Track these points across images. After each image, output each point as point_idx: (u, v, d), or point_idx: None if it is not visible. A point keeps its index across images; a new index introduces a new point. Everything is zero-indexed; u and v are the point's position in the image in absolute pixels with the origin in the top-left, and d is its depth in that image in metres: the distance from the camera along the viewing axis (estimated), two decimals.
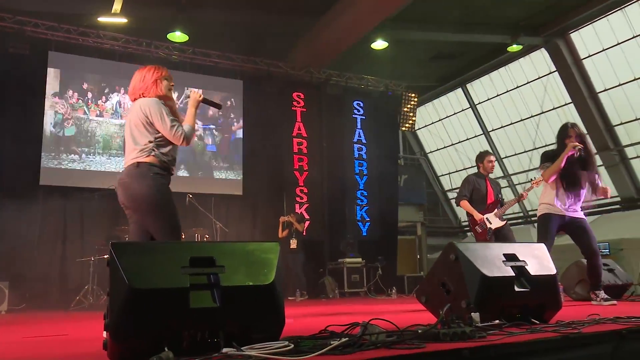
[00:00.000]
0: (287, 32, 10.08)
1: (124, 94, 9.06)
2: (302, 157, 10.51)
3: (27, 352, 2.46)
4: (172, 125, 3.13)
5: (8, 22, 8.28)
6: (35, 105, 8.30)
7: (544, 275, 2.61)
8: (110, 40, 9.10)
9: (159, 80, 3.32)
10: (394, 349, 1.70)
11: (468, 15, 10.12)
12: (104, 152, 8.89)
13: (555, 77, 12.06)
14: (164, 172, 3.17)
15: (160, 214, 3.11)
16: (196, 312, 1.83)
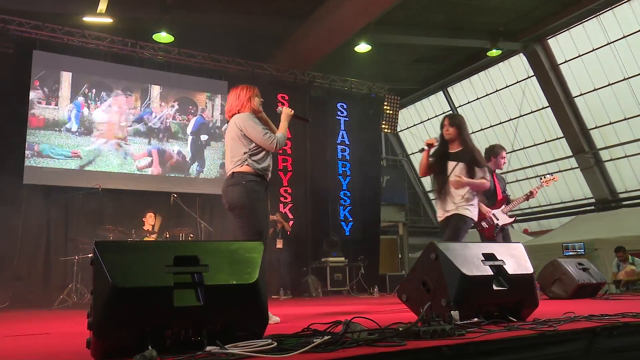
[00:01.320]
0: (272, 34, 10.08)
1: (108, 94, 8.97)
2: (287, 157, 10.49)
3: (10, 350, 2.41)
4: (265, 133, 3.49)
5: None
6: (19, 104, 8.16)
7: (521, 275, 2.64)
8: (95, 40, 8.98)
9: (252, 97, 3.67)
10: (376, 347, 1.71)
11: (449, 21, 10.22)
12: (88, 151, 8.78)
13: (533, 81, 12.25)
14: (258, 178, 3.51)
15: (247, 217, 3.44)
16: (180, 311, 1.82)
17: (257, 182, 3.50)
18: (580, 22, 10.79)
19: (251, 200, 3.44)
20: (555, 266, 5.46)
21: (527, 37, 11.28)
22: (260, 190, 3.51)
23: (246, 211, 3.45)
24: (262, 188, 3.54)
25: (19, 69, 8.23)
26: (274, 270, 8.72)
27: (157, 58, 9.57)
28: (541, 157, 13.23)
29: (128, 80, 9.25)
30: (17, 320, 4.69)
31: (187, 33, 9.46)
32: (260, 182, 3.52)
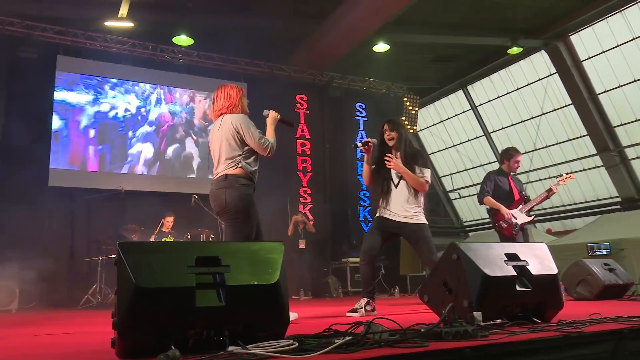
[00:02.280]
0: (290, 35, 10.10)
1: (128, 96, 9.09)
2: (306, 158, 10.51)
3: (36, 348, 2.46)
4: (260, 137, 3.48)
5: (17, 26, 8.32)
6: (43, 108, 8.33)
7: (545, 275, 2.60)
8: (116, 44, 9.12)
9: (242, 98, 3.64)
10: (397, 348, 1.70)
11: (468, 19, 10.11)
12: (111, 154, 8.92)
13: (555, 78, 12.04)
14: (250, 182, 3.47)
15: (238, 220, 3.39)
16: (202, 311, 1.83)
17: (249, 186, 3.46)
18: (604, 18, 10.57)
19: (245, 205, 3.39)
20: (580, 266, 5.38)
21: (548, 34, 11.10)
22: (252, 194, 3.48)
23: (240, 216, 3.39)
24: (253, 192, 3.51)
25: (43, 74, 8.41)
26: (294, 271, 8.75)
27: (177, 61, 9.68)
28: (564, 156, 13.00)
29: (148, 83, 9.37)
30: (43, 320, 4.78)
31: (207, 36, 9.55)
32: (251, 186, 3.49)
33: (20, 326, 4.13)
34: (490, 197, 5.42)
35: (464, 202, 15.95)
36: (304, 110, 10.70)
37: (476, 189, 13.69)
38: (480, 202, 5.58)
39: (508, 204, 5.39)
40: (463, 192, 15.81)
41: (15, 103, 8.04)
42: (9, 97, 8.09)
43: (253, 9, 9.29)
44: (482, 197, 5.50)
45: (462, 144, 15.01)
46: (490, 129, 14.12)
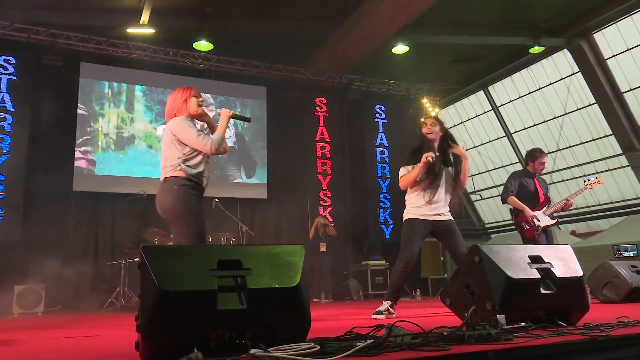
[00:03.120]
0: (309, 38, 10.12)
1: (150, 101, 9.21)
2: (325, 161, 10.52)
3: (61, 351, 2.51)
4: (198, 135, 3.32)
5: (42, 35, 8.50)
6: (68, 114, 8.49)
7: (570, 277, 2.55)
8: (138, 51, 9.26)
9: (188, 99, 3.52)
10: (419, 351, 1.69)
11: (489, 18, 10.01)
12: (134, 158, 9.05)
13: (579, 77, 11.84)
14: (191, 183, 3.33)
15: (181, 223, 3.30)
16: (224, 314, 1.84)
17: (191, 187, 3.34)
18: (628, 15, 10.36)
19: (185, 204, 3.28)
20: (606, 269, 5.28)
21: (571, 33, 10.92)
22: (195, 195, 3.35)
23: (182, 217, 3.30)
24: (198, 193, 3.39)
25: (67, 80, 8.58)
26: (315, 274, 8.75)
27: (198, 66, 9.78)
28: (589, 156, 12.76)
29: (169, 88, 9.48)
30: (68, 323, 4.87)
31: (226, 40, 9.63)
32: (194, 187, 3.36)
33: (45, 328, 4.21)
34: (514, 196, 5.35)
35: (486, 203, 15.77)
36: (324, 113, 10.71)
37: (498, 190, 13.53)
38: (504, 201, 5.50)
39: (533, 205, 5.30)
40: (484, 194, 15.64)
41: (40, 109, 8.21)
42: (34, 103, 8.25)
43: (272, 14, 9.35)
44: (506, 197, 5.43)
45: (483, 145, 14.85)
46: (512, 129, 13.94)
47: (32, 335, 3.57)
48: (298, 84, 10.49)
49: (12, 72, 8.21)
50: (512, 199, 5.36)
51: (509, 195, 5.38)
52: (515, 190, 5.37)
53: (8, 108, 8.11)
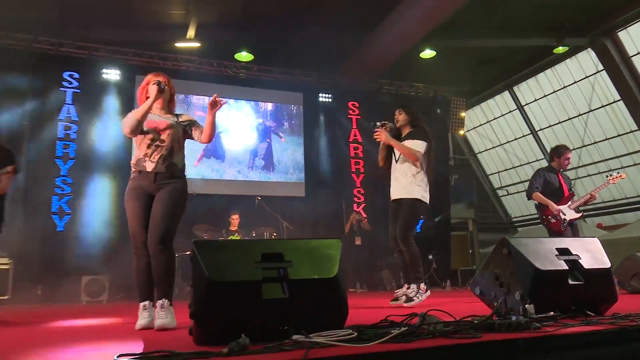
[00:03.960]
0: (342, 46, 10.10)
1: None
2: (359, 160, 10.49)
3: (121, 336, 2.59)
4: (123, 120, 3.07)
5: (101, 51, 8.79)
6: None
7: (598, 269, 2.47)
8: (186, 63, 9.46)
9: (146, 88, 3.18)
10: (451, 339, 1.66)
11: (513, 21, 9.75)
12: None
13: (603, 75, 11.41)
14: (135, 174, 3.06)
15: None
16: (268, 303, 1.87)
17: (134, 177, 3.05)
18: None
19: (126, 195, 3.06)
20: (634, 260, 5.09)
21: (594, 32, 10.52)
22: (136, 186, 3.02)
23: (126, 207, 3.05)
24: (142, 182, 3.02)
25: (125, 92, 8.82)
26: (351, 265, 8.74)
27: (239, 75, 9.90)
28: (614, 151, 12.28)
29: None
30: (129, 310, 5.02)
31: (265, 51, 9.72)
32: (137, 176, 3.04)
33: (110, 315, 4.36)
34: (539, 192, 5.22)
35: (512, 198, 15.41)
36: (356, 116, 10.68)
37: (524, 185, 13.18)
38: (529, 197, 5.39)
39: (557, 200, 5.19)
40: (511, 189, 15.28)
41: (102, 118, 8.48)
42: (96, 114, 8.51)
43: (306, 24, 9.37)
44: (531, 193, 5.31)
45: (509, 142, 14.50)
46: (537, 127, 13.56)
47: (97, 321, 3.70)
48: (332, 89, 10.50)
49: (76, 85, 8.52)
50: (536, 194, 5.24)
51: (534, 191, 5.27)
52: (540, 187, 5.25)
53: (73, 118, 8.41)
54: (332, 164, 10.16)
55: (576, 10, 9.72)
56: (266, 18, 9.19)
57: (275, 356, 1.46)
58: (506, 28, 9.95)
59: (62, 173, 8.15)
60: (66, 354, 1.91)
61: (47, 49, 8.48)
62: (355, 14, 9.14)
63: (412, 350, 1.53)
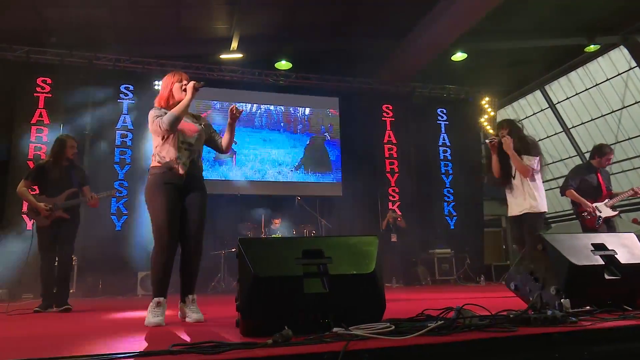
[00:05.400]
0: (376, 52, 10.04)
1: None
2: (393, 161, 10.38)
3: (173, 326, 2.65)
4: (153, 122, 2.93)
5: (153, 65, 9.05)
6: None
7: (635, 264, 2.35)
8: (230, 73, 9.62)
9: (175, 85, 3.10)
10: (487, 332, 1.62)
11: (543, 22, 9.43)
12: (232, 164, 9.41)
13: (636, 72, 10.87)
14: (163, 171, 2.94)
15: (148, 208, 2.95)
16: (309, 297, 1.87)
17: (162, 174, 2.92)
18: None
19: (151, 191, 2.92)
20: None
21: (626, 30, 10.03)
22: (166, 183, 2.91)
23: (149, 203, 2.93)
24: (172, 180, 2.93)
25: None
26: (387, 261, 8.65)
27: (279, 82, 9.99)
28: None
29: (256, 103, 9.79)
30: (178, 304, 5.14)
31: (303, 59, 9.79)
32: (165, 174, 2.93)
33: None
34: (573, 190, 5.00)
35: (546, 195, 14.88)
36: (390, 118, 10.58)
37: (557, 182, 12.71)
38: (562, 193, 5.17)
39: (595, 198, 4.96)
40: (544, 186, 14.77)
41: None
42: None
43: (342, 33, 9.37)
44: (565, 190, 5.09)
45: (542, 140, 14.00)
46: (570, 124, 13.05)
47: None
48: (366, 93, 10.44)
49: (131, 97, 8.82)
50: (570, 192, 5.02)
51: (568, 188, 5.04)
52: (576, 185, 5.02)
53: (129, 127, 8.70)
54: (368, 165, 10.09)
55: (606, 10, 9.30)
56: (304, 28, 9.25)
57: (316, 347, 1.46)
58: (537, 29, 9.63)
59: (119, 177, 8.45)
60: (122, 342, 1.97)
61: (105, 65, 8.82)
62: (388, 22, 9.07)
63: (448, 344, 1.49)
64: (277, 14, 8.79)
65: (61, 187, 4.33)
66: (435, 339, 1.53)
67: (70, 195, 4.36)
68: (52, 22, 8.42)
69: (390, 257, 8.71)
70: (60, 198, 4.31)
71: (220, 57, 9.52)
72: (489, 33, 9.49)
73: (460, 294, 5.32)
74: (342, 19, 9.02)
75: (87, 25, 8.48)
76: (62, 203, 4.30)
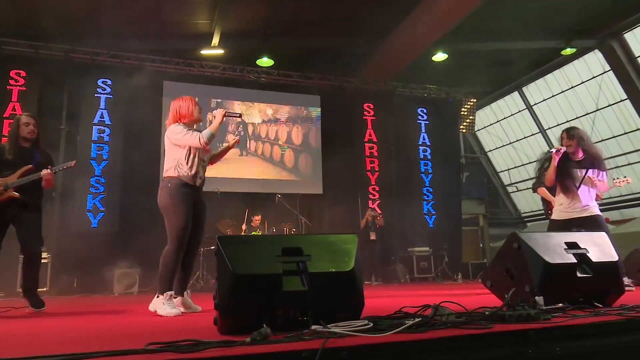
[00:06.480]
0: (358, 51, 10.07)
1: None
2: (374, 159, 10.44)
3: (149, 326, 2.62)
4: (187, 133, 3.35)
5: (132, 59, 8.90)
6: (155, 125, 8.81)
7: (606, 262, 2.42)
8: (210, 69, 9.52)
9: (193, 108, 3.54)
10: (463, 329, 1.64)
11: (523, 24, 9.60)
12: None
13: (610, 75, 11.17)
14: (183, 182, 3.35)
15: (167, 214, 3.36)
16: (288, 294, 1.87)
17: (183, 185, 3.35)
18: None
19: (172, 197, 3.32)
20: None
21: (602, 34, 10.29)
22: (185, 192, 3.34)
23: (168, 210, 3.34)
24: (190, 191, 3.37)
25: (153, 97, 8.89)
26: (366, 259, 8.70)
27: (261, 80, 9.94)
28: (621, 148, 12.01)
29: (237, 100, 9.71)
30: None
31: (284, 56, 9.75)
32: (185, 185, 3.36)
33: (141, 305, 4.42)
34: (544, 187, 5.09)
35: (522, 195, 15.19)
36: (371, 117, 10.63)
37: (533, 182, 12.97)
38: (534, 190, 5.26)
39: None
40: (520, 186, 15.06)
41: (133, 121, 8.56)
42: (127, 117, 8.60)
43: (324, 31, 9.36)
44: (536, 187, 5.18)
45: (519, 141, 14.30)
46: (546, 126, 13.34)
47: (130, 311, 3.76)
48: (348, 91, 10.47)
49: (108, 91, 8.65)
50: (542, 189, 5.11)
51: (540, 186, 5.13)
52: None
53: (106, 122, 8.54)
54: (348, 163, 10.13)
55: (583, 14, 9.52)
56: (286, 26, 9.21)
57: (295, 345, 1.46)
58: (516, 31, 9.80)
59: (96, 173, 8.29)
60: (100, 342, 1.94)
61: (82, 58, 8.63)
62: (370, 21, 9.10)
63: (425, 340, 1.51)
64: (259, 10, 8.73)
65: (18, 168, 3.86)
66: (413, 336, 1.55)
67: (24, 173, 3.86)
68: (27, 12, 8.19)
69: (369, 255, 8.77)
70: (12, 177, 3.83)
71: (201, 53, 9.41)
72: (469, 34, 9.62)
73: (438, 291, 5.39)
74: (325, 17, 9.01)
75: (64, 17, 8.27)
76: (11, 182, 3.81)
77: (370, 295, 4.79)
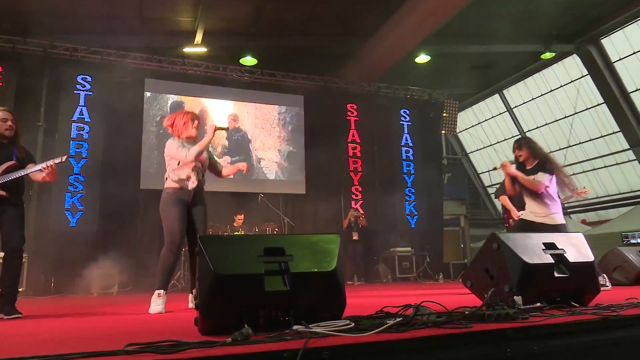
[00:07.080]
0: (341, 52, 10.10)
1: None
2: (357, 160, 10.48)
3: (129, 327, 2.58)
4: (177, 150, 3.62)
5: (113, 56, 8.77)
6: (135, 123, 8.71)
7: (582, 262, 2.46)
8: (193, 67, 9.44)
9: (187, 123, 3.72)
10: (444, 328, 1.66)
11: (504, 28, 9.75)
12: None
13: (588, 80, 11.42)
14: (176, 188, 3.62)
15: (163, 218, 3.63)
16: (270, 295, 1.86)
17: (175, 192, 3.62)
18: (635, 20, 9.92)
19: (166, 204, 3.60)
20: (615, 254, 5.08)
21: (580, 39, 10.53)
22: (179, 199, 3.61)
23: (163, 214, 3.63)
24: (184, 197, 3.63)
25: (134, 94, 8.79)
26: (348, 259, 8.74)
27: (244, 79, 9.89)
28: (597, 151, 12.30)
29: (220, 99, 9.63)
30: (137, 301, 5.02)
31: (268, 56, 9.72)
32: (178, 191, 3.63)
33: (120, 306, 4.36)
34: (505, 196, 5.01)
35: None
36: (354, 117, 10.67)
37: None
38: (496, 197, 5.26)
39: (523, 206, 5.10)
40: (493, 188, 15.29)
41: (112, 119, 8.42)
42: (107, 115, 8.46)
43: (308, 31, 9.37)
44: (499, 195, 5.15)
45: (499, 143, 14.52)
46: (526, 128, 13.57)
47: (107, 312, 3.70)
48: (332, 92, 10.49)
49: (88, 88, 8.49)
50: (503, 197, 5.09)
51: (502, 194, 5.08)
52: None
53: (86, 119, 8.39)
54: (332, 164, 10.15)
55: (563, 19, 9.72)
56: (270, 25, 9.19)
57: (276, 345, 1.46)
58: (497, 35, 9.96)
59: (75, 171, 8.14)
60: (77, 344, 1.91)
61: (62, 54, 8.46)
62: (354, 22, 9.14)
63: (406, 340, 1.52)
64: (242, 8, 8.69)
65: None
66: (394, 336, 1.55)
67: (7, 170, 3.62)
68: (4, 6, 8.00)
69: (352, 255, 8.80)
70: None
71: (184, 51, 9.32)
72: (452, 37, 9.74)
73: (419, 291, 5.44)
74: (309, 17, 9.02)
75: (43, 11, 8.10)
76: None
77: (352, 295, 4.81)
